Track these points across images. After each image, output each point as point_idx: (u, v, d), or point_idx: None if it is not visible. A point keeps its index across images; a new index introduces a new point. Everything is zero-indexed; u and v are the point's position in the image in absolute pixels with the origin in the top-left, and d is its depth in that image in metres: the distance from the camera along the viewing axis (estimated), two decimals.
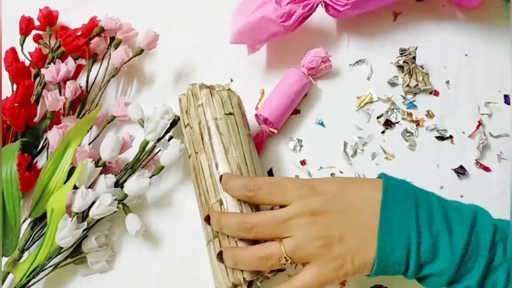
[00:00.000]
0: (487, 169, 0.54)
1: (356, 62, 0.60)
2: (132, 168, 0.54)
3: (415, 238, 0.40)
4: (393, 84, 0.59)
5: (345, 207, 0.42)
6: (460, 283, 0.40)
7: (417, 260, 0.40)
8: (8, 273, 0.50)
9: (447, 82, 0.58)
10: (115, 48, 0.60)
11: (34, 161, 0.56)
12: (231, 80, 0.60)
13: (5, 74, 0.58)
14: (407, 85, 0.57)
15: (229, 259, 0.44)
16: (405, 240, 0.40)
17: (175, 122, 0.55)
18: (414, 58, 0.58)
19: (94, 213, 0.49)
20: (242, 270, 0.44)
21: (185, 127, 0.52)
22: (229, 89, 0.53)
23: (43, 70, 0.57)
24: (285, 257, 0.42)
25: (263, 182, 0.45)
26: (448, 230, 0.40)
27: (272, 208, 0.46)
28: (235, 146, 0.49)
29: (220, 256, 0.44)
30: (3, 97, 0.57)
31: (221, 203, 0.47)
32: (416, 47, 0.58)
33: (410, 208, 0.41)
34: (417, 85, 0.57)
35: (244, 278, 0.44)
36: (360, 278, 0.51)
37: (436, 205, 0.42)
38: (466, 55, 0.60)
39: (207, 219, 0.46)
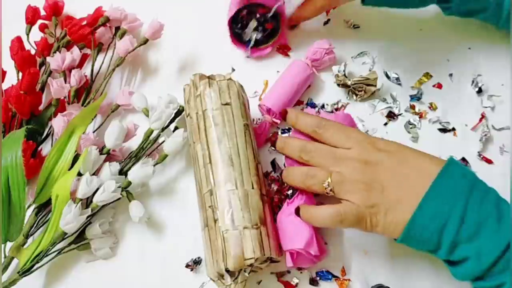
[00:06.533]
0: (489, 161, 0.55)
1: (358, 54, 0.61)
2: (136, 156, 0.55)
3: (460, 212, 0.39)
4: (397, 78, 0.59)
5: (397, 167, 0.44)
6: (494, 279, 0.39)
7: (455, 235, 0.39)
8: (13, 258, 0.50)
9: (451, 75, 0.59)
10: (120, 38, 0.60)
11: (39, 148, 0.57)
12: (233, 70, 0.60)
13: (11, 63, 0.58)
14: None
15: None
16: (447, 211, 0.40)
17: (179, 112, 0.55)
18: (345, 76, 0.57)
19: (98, 199, 0.50)
20: (225, 260, 0.44)
21: (187, 117, 0.53)
22: (230, 78, 0.52)
23: (48, 58, 0.57)
24: (328, 183, 0.45)
25: (333, 124, 0.49)
26: (498, 216, 0.39)
27: None
28: (229, 136, 0.49)
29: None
30: (9, 85, 0.57)
31: (211, 193, 0.47)
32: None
33: (464, 186, 0.41)
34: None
35: (226, 269, 0.44)
36: (362, 276, 0.51)
37: (492, 194, 0.41)
38: (469, 48, 0.60)
39: (273, 141, 0.51)
